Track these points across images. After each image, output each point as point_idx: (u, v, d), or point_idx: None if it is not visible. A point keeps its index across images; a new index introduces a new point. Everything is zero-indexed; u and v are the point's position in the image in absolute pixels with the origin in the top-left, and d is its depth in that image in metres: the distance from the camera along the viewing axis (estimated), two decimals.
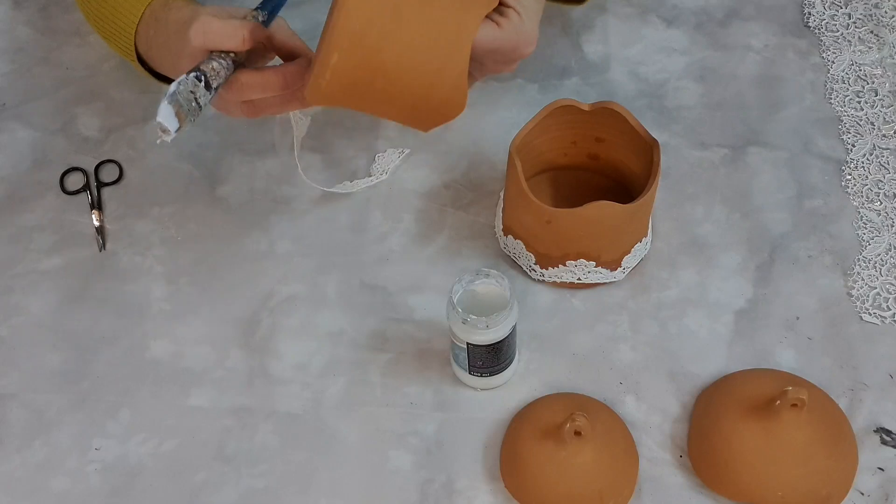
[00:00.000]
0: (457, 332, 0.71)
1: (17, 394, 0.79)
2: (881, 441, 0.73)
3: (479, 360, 0.73)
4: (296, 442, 0.75)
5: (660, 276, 0.82)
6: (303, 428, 0.76)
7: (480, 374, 0.75)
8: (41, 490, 0.74)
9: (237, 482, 0.73)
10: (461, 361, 0.74)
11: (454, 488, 0.72)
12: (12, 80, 1.00)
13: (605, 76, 0.97)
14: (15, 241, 0.88)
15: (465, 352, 0.72)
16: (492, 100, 0.95)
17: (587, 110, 0.80)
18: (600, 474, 0.69)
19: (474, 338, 0.71)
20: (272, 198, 0.89)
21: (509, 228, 0.82)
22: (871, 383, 0.76)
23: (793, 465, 0.68)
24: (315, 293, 0.83)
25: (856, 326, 0.79)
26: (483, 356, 0.72)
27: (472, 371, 0.74)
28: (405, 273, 0.84)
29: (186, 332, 0.81)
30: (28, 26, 1.04)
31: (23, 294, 0.84)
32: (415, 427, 0.75)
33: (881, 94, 0.93)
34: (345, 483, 0.73)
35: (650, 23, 1.01)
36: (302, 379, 0.78)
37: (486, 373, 0.75)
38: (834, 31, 0.99)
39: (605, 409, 0.74)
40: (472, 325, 0.69)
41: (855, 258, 0.82)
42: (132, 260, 0.86)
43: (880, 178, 0.87)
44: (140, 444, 0.76)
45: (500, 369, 0.75)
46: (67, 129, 0.95)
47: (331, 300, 0.82)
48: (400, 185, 0.90)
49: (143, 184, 0.91)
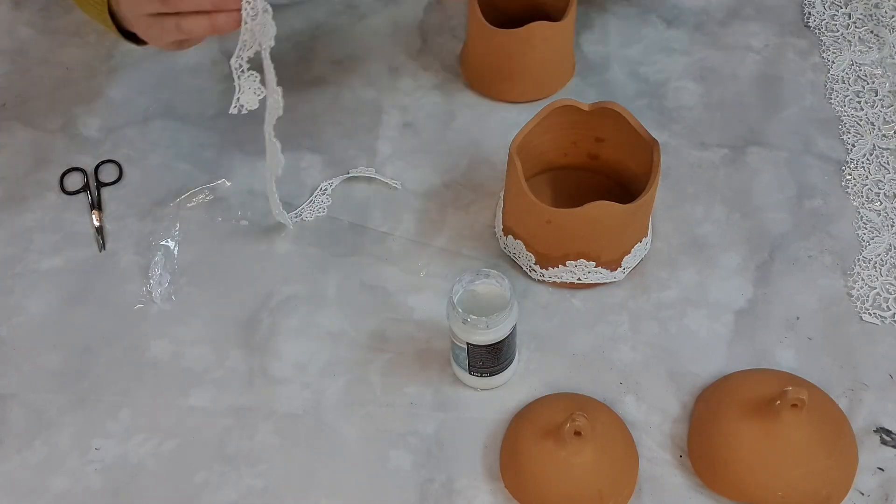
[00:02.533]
0: (457, 332, 0.71)
1: (17, 394, 0.79)
2: (881, 441, 0.73)
3: (480, 361, 0.73)
4: (296, 442, 0.75)
5: (660, 276, 0.82)
6: (303, 428, 0.76)
7: (480, 374, 0.75)
8: (41, 490, 0.74)
9: (237, 482, 0.73)
10: (461, 361, 0.74)
11: (454, 488, 0.72)
12: (12, 80, 1.00)
13: (605, 76, 0.97)
14: (15, 241, 0.88)
15: (465, 352, 0.72)
16: (492, 100, 0.95)
17: (587, 110, 0.80)
18: (600, 474, 0.69)
19: (474, 338, 0.71)
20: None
21: (509, 228, 0.82)
22: (871, 383, 0.75)
23: (793, 465, 0.68)
24: (315, 293, 0.83)
25: (856, 326, 0.79)
26: (483, 356, 0.72)
27: (473, 371, 0.74)
28: (405, 273, 0.84)
29: (186, 332, 0.81)
30: (28, 26, 1.04)
31: (23, 294, 0.84)
32: (415, 427, 0.75)
33: (881, 94, 0.93)
34: (345, 483, 0.73)
35: (650, 23, 1.01)
36: (302, 379, 0.78)
37: (487, 373, 0.75)
38: (834, 31, 0.99)
39: (605, 409, 0.74)
40: (473, 326, 0.69)
41: (855, 258, 0.82)
42: (132, 260, 0.86)
43: (880, 179, 0.87)
44: (140, 444, 0.76)
45: (500, 369, 0.75)
46: (67, 129, 0.95)
47: (331, 300, 0.82)
48: (400, 185, 0.90)
49: (143, 184, 0.91)
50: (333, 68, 0.98)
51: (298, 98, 0.97)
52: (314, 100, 0.97)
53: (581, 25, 1.00)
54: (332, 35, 1.01)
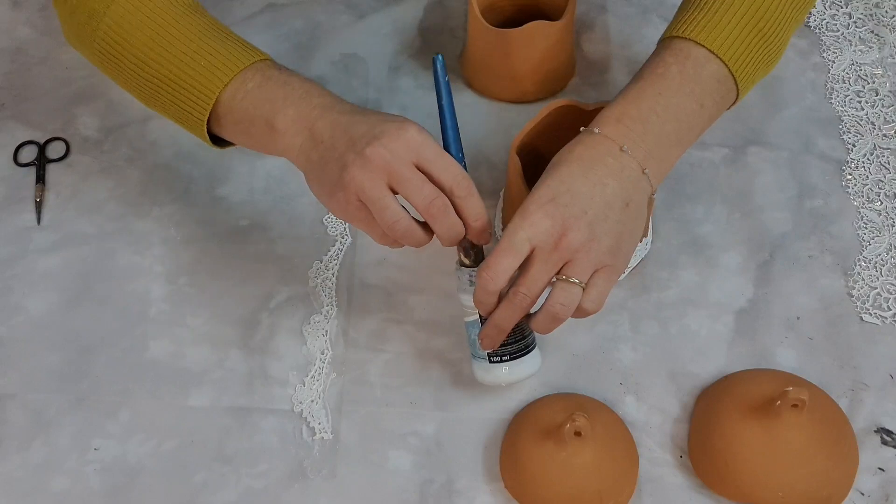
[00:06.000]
0: (466, 303, 0.69)
1: (17, 394, 0.79)
2: (881, 441, 0.73)
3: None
4: (295, 442, 0.75)
5: (660, 276, 0.82)
6: (302, 428, 0.76)
7: (501, 357, 0.70)
8: (41, 490, 0.74)
9: (237, 482, 0.73)
10: (479, 350, 0.71)
11: (454, 488, 0.72)
12: (12, 80, 1.00)
13: (605, 76, 0.96)
14: (15, 241, 0.88)
15: (478, 324, 0.69)
16: (492, 100, 0.95)
17: (587, 110, 0.80)
18: (600, 474, 0.69)
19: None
20: (272, 198, 0.89)
21: None
22: (871, 383, 0.75)
23: (793, 465, 0.68)
24: (315, 293, 0.83)
25: (856, 326, 0.79)
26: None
27: (493, 357, 0.71)
28: (405, 273, 0.84)
29: (186, 332, 0.81)
30: (28, 26, 1.04)
31: (23, 294, 0.84)
32: (415, 427, 0.75)
33: (882, 94, 0.93)
34: (345, 483, 0.73)
35: (650, 23, 1.01)
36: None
37: (509, 355, 0.70)
38: (834, 31, 0.99)
39: (605, 410, 0.74)
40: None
41: (855, 258, 0.82)
42: (132, 260, 0.86)
43: (881, 178, 0.87)
44: (139, 444, 0.76)
45: (524, 347, 0.71)
46: (67, 129, 0.95)
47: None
48: None
49: (143, 184, 0.91)
50: (333, 68, 0.98)
51: None
52: None
53: (581, 25, 1.00)
54: (332, 35, 1.01)
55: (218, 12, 1.05)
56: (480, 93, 0.96)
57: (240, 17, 1.04)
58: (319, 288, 0.83)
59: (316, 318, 0.81)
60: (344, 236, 0.86)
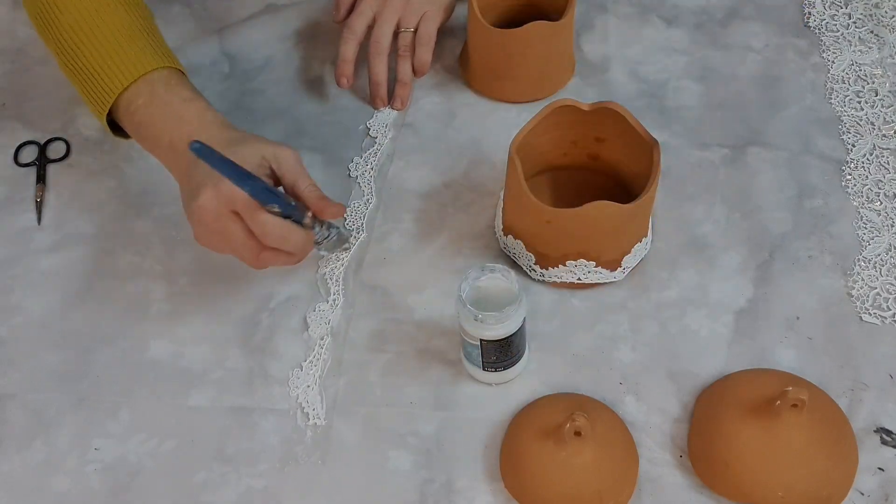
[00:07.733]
0: (469, 330, 0.71)
1: (17, 394, 0.79)
2: (881, 441, 0.73)
3: (493, 356, 0.73)
4: (295, 442, 0.75)
5: (660, 276, 0.82)
6: (302, 428, 0.76)
7: (495, 368, 0.74)
8: (41, 490, 0.74)
9: (237, 482, 0.73)
10: (474, 359, 0.74)
11: (454, 488, 0.72)
12: (12, 80, 1.00)
13: (605, 76, 0.97)
14: (15, 241, 0.88)
15: (478, 349, 0.72)
16: (492, 100, 0.95)
17: (587, 110, 0.80)
18: (600, 474, 0.69)
19: (487, 333, 0.70)
20: None
21: (509, 228, 0.82)
22: (871, 383, 0.75)
23: (793, 465, 0.68)
24: (315, 293, 0.83)
25: (856, 326, 0.79)
26: (497, 351, 0.72)
27: (487, 367, 0.74)
28: (405, 273, 0.84)
29: (186, 332, 0.81)
30: (28, 26, 1.03)
31: (23, 294, 0.84)
32: (415, 427, 0.75)
33: (881, 94, 0.93)
34: (345, 483, 0.73)
35: (650, 23, 1.01)
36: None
37: (501, 367, 0.74)
38: (834, 31, 0.99)
39: (605, 409, 0.74)
40: (485, 322, 0.69)
41: (855, 258, 0.82)
42: (132, 260, 0.86)
43: (880, 178, 0.87)
44: (140, 444, 0.76)
45: (514, 362, 0.75)
46: (68, 130, 0.95)
47: (330, 300, 0.82)
48: (400, 185, 0.90)
49: (143, 184, 0.91)
50: (333, 68, 0.98)
51: (298, 98, 0.97)
52: (314, 100, 0.97)
53: (581, 25, 1.00)
54: (332, 35, 1.01)
55: (218, 12, 1.06)
56: (480, 93, 0.96)
57: (240, 18, 1.04)
58: (328, 276, 0.83)
59: (322, 306, 0.81)
60: (359, 231, 0.86)
